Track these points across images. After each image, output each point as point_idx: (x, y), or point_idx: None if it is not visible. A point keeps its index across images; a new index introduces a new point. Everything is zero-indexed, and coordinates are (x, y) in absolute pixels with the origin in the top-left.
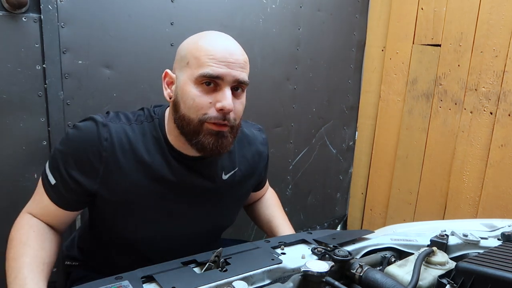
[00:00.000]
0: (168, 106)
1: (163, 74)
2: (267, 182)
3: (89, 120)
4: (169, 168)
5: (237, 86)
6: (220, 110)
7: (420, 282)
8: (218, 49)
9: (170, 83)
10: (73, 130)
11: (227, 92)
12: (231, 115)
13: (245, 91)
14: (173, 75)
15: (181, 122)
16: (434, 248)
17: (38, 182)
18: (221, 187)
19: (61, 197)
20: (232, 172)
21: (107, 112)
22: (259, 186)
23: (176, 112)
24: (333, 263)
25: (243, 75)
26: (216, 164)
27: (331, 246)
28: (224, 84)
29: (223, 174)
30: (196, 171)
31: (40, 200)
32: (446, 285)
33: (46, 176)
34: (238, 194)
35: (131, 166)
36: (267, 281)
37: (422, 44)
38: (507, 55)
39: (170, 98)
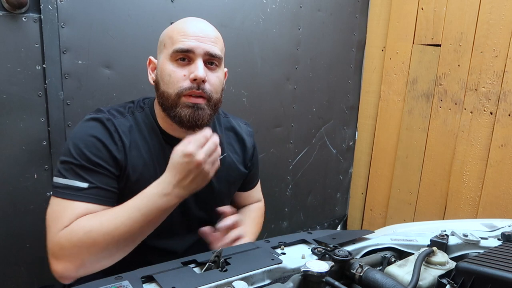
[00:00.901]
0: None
1: (147, 61)
2: (261, 193)
3: (91, 121)
4: (163, 152)
5: (210, 61)
6: (194, 80)
7: (420, 282)
8: (189, 26)
9: (154, 69)
10: (80, 135)
11: (199, 63)
12: (207, 86)
13: (222, 67)
14: (155, 61)
15: (162, 99)
16: (434, 248)
17: (50, 199)
18: None
19: (100, 192)
20: (221, 156)
21: (98, 110)
22: (250, 183)
23: (157, 91)
24: (333, 263)
25: (214, 49)
26: None
27: (331, 246)
28: (196, 56)
29: None
30: None
31: (68, 213)
32: (446, 285)
33: (70, 187)
34: (229, 179)
35: (137, 154)
36: (267, 281)
37: (422, 44)
38: (507, 55)
39: (154, 82)
